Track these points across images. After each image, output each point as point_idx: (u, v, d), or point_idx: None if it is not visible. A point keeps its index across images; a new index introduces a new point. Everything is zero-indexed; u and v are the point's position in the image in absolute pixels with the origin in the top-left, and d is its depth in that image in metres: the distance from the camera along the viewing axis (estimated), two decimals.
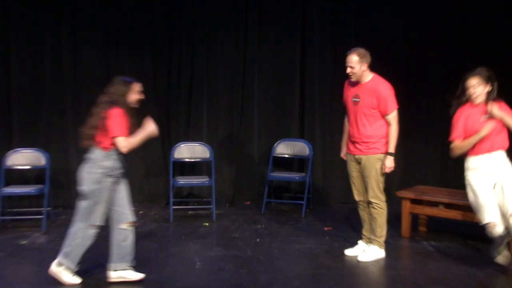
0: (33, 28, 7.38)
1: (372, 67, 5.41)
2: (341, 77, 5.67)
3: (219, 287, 4.86)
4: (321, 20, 7.87)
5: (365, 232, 5.68)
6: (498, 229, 4.76)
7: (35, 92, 7.42)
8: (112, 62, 7.59)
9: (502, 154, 4.88)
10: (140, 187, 7.67)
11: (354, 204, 5.83)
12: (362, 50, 5.32)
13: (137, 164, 7.58)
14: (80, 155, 7.35)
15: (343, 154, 5.74)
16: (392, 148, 5.39)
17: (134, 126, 4.83)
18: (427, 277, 4.98)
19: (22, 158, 6.82)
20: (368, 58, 5.32)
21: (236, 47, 7.87)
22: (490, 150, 4.85)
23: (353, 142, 5.49)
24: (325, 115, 7.81)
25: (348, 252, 5.72)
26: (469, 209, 4.80)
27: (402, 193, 6.33)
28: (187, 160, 7.36)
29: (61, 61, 7.47)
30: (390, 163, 5.40)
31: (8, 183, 6.73)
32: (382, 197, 5.47)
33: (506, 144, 4.92)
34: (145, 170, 7.66)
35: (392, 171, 5.46)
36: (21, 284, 5.05)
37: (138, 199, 7.57)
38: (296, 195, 7.65)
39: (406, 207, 6.21)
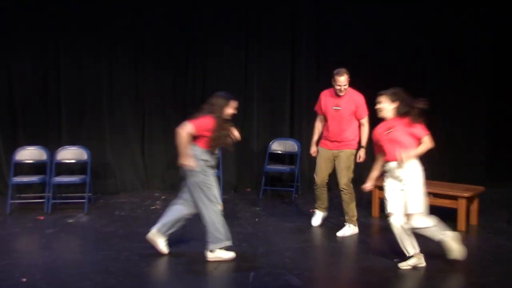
0: (78, 47, 7.31)
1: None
2: (325, 84, 5.59)
3: None
4: (307, 26, 7.44)
5: (319, 204, 5.74)
6: (394, 218, 4.54)
7: (79, 100, 7.37)
8: (140, 73, 7.50)
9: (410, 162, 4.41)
10: (162, 177, 7.66)
11: (333, 191, 5.85)
12: (345, 69, 5.33)
13: (160, 158, 7.59)
14: (114, 151, 7.53)
15: (313, 151, 5.74)
16: (364, 143, 5.49)
17: (226, 133, 4.63)
18: (392, 248, 5.01)
19: (69, 154, 6.88)
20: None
21: (237, 47, 7.53)
22: (395, 158, 4.41)
23: (333, 141, 5.52)
24: (311, 118, 7.57)
25: (314, 222, 5.79)
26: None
27: None
28: None
29: (99, 76, 7.40)
30: (363, 154, 5.51)
31: (57, 174, 6.75)
32: (351, 185, 5.53)
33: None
34: (166, 163, 7.62)
35: (365, 162, 5.56)
36: (68, 254, 5.11)
37: (160, 187, 7.62)
38: (287, 184, 7.65)
39: (376, 193, 6.24)
